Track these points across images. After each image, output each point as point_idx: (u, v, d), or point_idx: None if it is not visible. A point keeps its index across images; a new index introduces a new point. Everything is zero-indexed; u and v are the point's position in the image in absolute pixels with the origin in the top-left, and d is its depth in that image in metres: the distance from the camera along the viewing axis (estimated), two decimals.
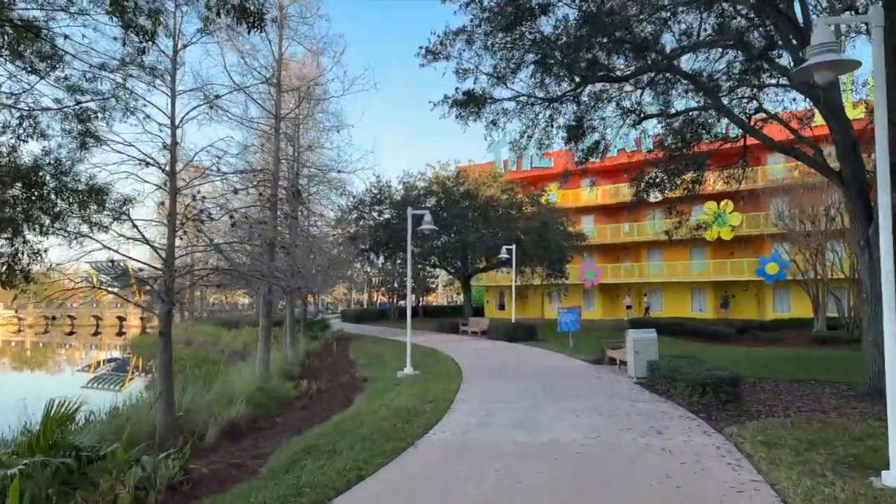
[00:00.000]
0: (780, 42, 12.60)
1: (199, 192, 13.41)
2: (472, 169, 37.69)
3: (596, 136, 15.89)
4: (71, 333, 78.53)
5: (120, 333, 75.99)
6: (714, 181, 40.65)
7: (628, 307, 45.27)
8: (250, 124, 17.55)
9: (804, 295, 35.45)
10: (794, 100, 15.70)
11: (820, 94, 11.51)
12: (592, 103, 14.40)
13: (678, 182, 17.63)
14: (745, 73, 14.02)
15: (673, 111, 14.75)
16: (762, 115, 14.74)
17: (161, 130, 11.96)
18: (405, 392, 13.72)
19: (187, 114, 12.21)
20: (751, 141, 16.15)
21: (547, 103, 13.97)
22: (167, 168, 11.94)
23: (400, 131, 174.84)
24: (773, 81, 14.68)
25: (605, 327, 35.70)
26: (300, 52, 19.81)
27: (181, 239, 12.81)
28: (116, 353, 53.39)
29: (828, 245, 30.04)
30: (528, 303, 49.99)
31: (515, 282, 32.77)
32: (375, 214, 36.23)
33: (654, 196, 18.87)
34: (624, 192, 45.62)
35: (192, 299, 58.20)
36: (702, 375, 10.71)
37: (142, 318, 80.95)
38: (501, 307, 51.75)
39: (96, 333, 78.53)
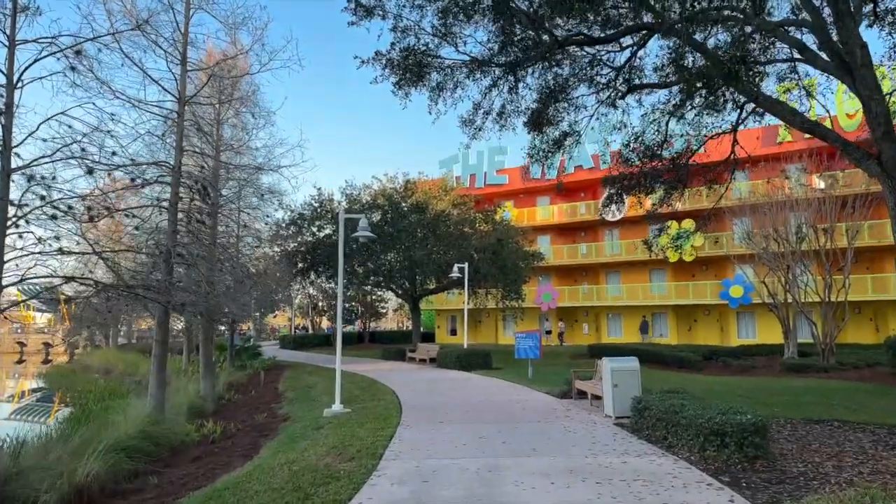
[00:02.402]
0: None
1: (53, 177, 10.13)
2: (423, 183, 34.91)
3: (565, 125, 13.18)
4: None
5: (46, 361, 69.97)
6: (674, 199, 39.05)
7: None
8: (146, 106, 14.29)
9: (770, 319, 33.65)
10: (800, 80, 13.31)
11: (858, 71, 9.08)
12: (562, 79, 11.66)
13: (657, 186, 15.08)
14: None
15: (671, 80, 12.09)
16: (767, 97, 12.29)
17: None
18: (323, 440, 10.56)
19: (29, 66, 8.95)
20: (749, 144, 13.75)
21: (506, 70, 11.14)
22: None
23: (347, 147, 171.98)
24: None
25: (563, 353, 33.11)
26: (214, 27, 16.65)
27: (20, 238, 9.48)
28: (37, 384, 48.56)
29: (798, 267, 28.21)
30: (482, 328, 47.15)
31: (468, 304, 29.89)
32: (315, 230, 32.91)
33: (620, 207, 16.33)
34: (581, 211, 43.61)
35: (116, 323, 53.32)
36: (716, 420, 7.91)
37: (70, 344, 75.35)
38: (453, 332, 48.75)
39: (20, 361, 72.39)
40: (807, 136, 32.42)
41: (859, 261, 31.14)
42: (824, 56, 10.03)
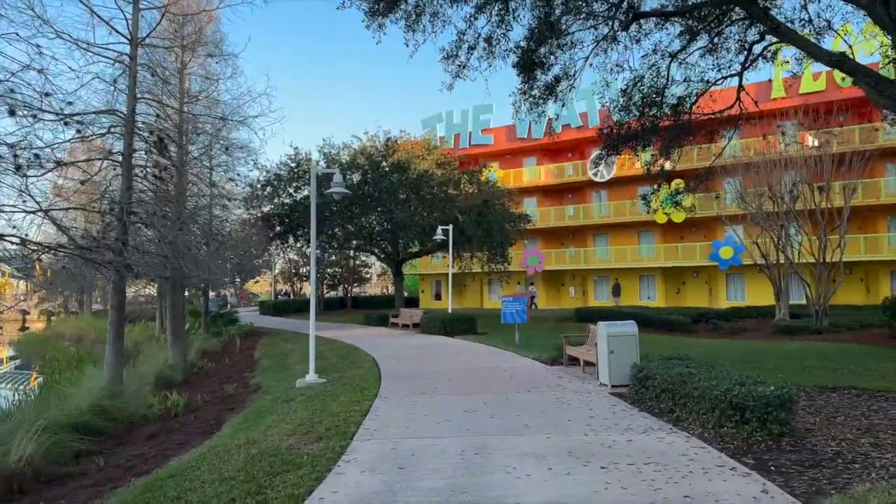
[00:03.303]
0: None
1: None
2: (405, 143, 33.43)
3: (557, 68, 11.91)
4: None
5: (23, 328, 68.34)
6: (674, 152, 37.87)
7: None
8: (95, 49, 12.79)
9: (760, 281, 33.00)
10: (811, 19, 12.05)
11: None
12: (558, 8, 10.29)
13: (655, 138, 13.92)
14: None
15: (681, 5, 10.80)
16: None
17: None
18: (291, 416, 9.50)
19: None
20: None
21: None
22: None
23: (324, 108, 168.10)
24: None
25: (549, 317, 32.31)
26: None
27: None
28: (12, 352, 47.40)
29: (792, 227, 27.38)
30: (467, 292, 46.24)
31: (453, 268, 28.82)
32: (292, 191, 31.43)
33: (610, 165, 15.15)
34: (568, 172, 42.44)
35: (89, 289, 51.86)
36: (734, 392, 6.90)
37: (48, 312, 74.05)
38: (438, 297, 47.83)
39: None
40: (801, 92, 31.22)
41: (851, 221, 30.42)
42: None
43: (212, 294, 44.64)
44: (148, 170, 13.80)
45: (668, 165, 14.25)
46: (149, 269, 15.11)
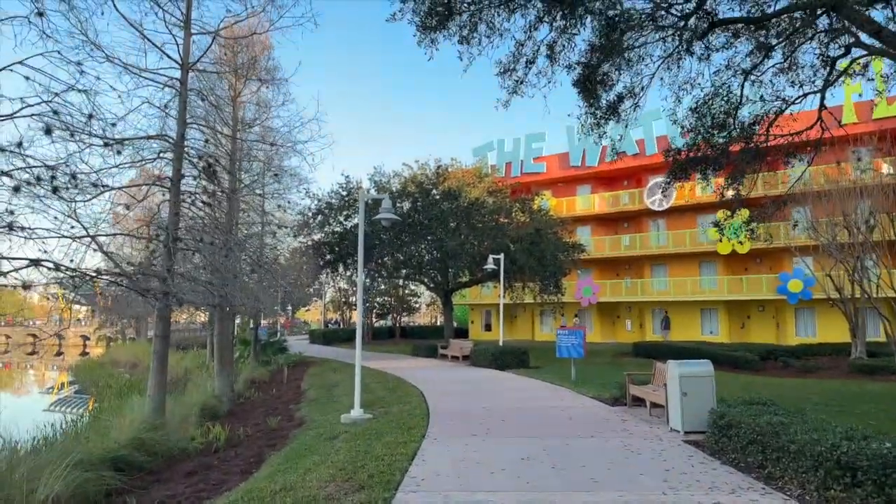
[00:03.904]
0: None
1: (20, 143, 8.56)
2: (456, 171, 32.94)
3: (620, 86, 11.12)
4: (32, 353, 73.02)
5: (84, 353, 70.31)
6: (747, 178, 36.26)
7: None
8: (146, 74, 12.69)
9: (832, 316, 30.95)
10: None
11: None
12: (625, 16, 9.49)
13: (725, 162, 12.92)
14: None
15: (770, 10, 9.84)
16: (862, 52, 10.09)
17: None
18: (333, 457, 8.79)
19: None
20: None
21: (550, 6, 9.04)
22: None
23: (375, 139, 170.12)
24: None
25: (604, 351, 30.97)
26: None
27: None
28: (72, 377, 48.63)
29: (868, 258, 25.55)
30: (517, 323, 45.10)
31: (504, 298, 27.92)
32: (342, 219, 31.23)
33: (669, 194, 14.15)
34: (624, 200, 41.19)
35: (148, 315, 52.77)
36: (843, 449, 5.83)
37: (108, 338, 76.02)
38: (488, 328, 46.82)
39: (59, 353, 73.04)
40: (875, 117, 29.42)
41: None
42: None
43: (263, 322, 44.88)
44: (197, 196, 13.52)
45: (742, 191, 13.17)
46: (195, 297, 14.78)
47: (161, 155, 13.44)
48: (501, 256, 25.90)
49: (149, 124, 14.76)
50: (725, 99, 12.28)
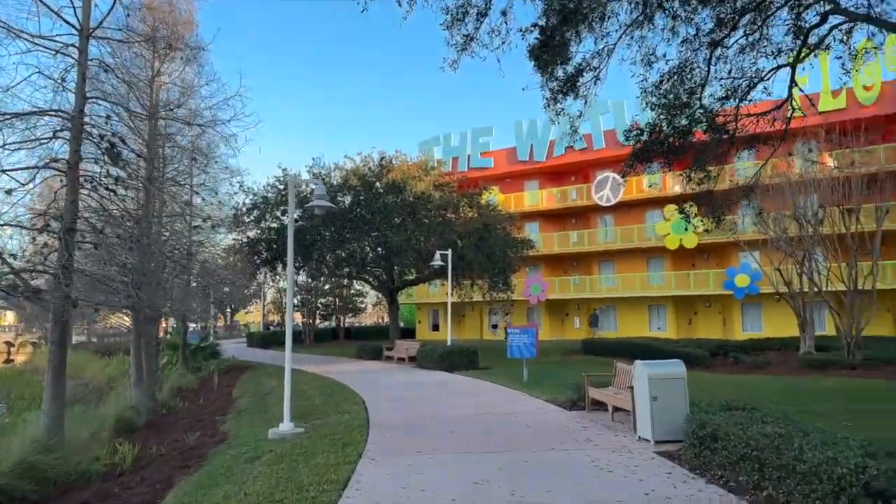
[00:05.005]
0: None
1: None
2: (401, 165, 31.46)
3: (580, 57, 9.98)
4: None
5: (8, 361, 65.63)
6: (672, 182, 36.21)
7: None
8: (34, 38, 10.85)
9: (778, 311, 30.89)
10: None
11: None
12: None
13: (685, 145, 11.95)
14: None
15: None
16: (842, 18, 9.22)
17: None
18: (249, 485, 7.32)
19: None
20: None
21: None
22: None
23: (315, 130, 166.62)
24: None
25: (554, 350, 30.07)
26: None
27: None
28: None
29: (818, 252, 25.39)
30: (466, 323, 43.98)
31: (451, 296, 26.66)
32: (279, 214, 29.38)
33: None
34: (572, 196, 40.57)
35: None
36: (874, 472, 4.76)
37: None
38: (435, 328, 45.54)
39: None
40: (821, 110, 29.39)
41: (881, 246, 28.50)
42: None
43: (195, 326, 42.40)
44: (100, 182, 11.73)
45: (711, 174, 12.24)
46: (103, 299, 13.01)
47: (58, 134, 11.62)
48: (449, 253, 24.63)
49: (44, 99, 12.83)
50: (689, 77, 11.32)
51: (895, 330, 30.14)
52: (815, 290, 24.37)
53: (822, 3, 9.52)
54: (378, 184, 28.20)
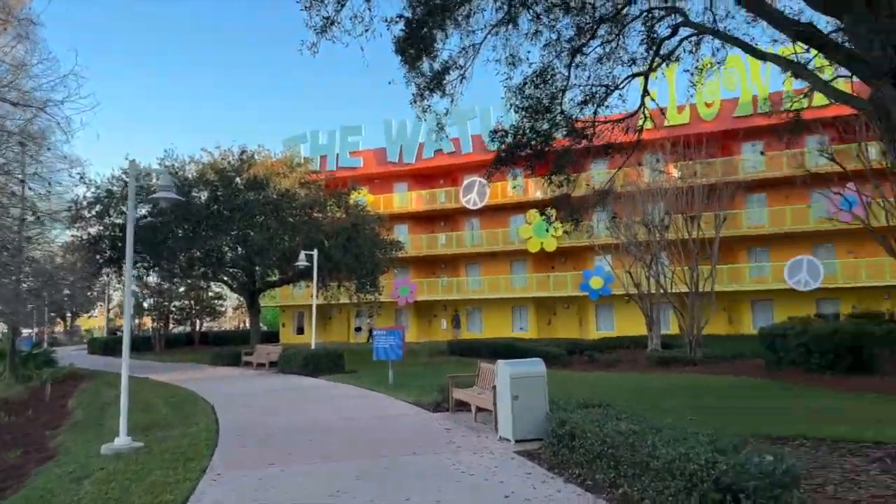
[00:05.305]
0: None
1: None
2: (265, 161, 30.03)
3: (446, 54, 9.86)
4: None
5: None
6: (534, 188, 37.59)
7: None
8: None
9: (628, 311, 32.92)
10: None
11: None
12: None
13: (546, 149, 12.21)
14: None
15: None
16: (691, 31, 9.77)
17: None
18: None
19: None
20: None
21: None
22: None
23: (171, 124, 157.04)
24: None
25: (421, 351, 30.11)
26: None
27: None
28: None
29: (664, 256, 27.30)
30: (333, 325, 43.05)
31: (317, 298, 25.79)
32: (125, 209, 27.02)
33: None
34: (441, 199, 40.96)
35: None
36: (723, 468, 4.88)
37: None
38: (300, 331, 44.15)
39: None
40: (667, 125, 31.54)
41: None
42: None
43: (29, 331, 38.24)
44: None
45: (569, 179, 12.57)
46: None
47: None
48: (315, 253, 23.80)
49: None
50: (551, 81, 11.57)
51: (730, 329, 33.07)
52: (662, 291, 26.17)
53: (673, 16, 10.03)
54: (238, 179, 26.73)
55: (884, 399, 12.82)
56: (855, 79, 9.29)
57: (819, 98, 13.18)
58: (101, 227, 27.00)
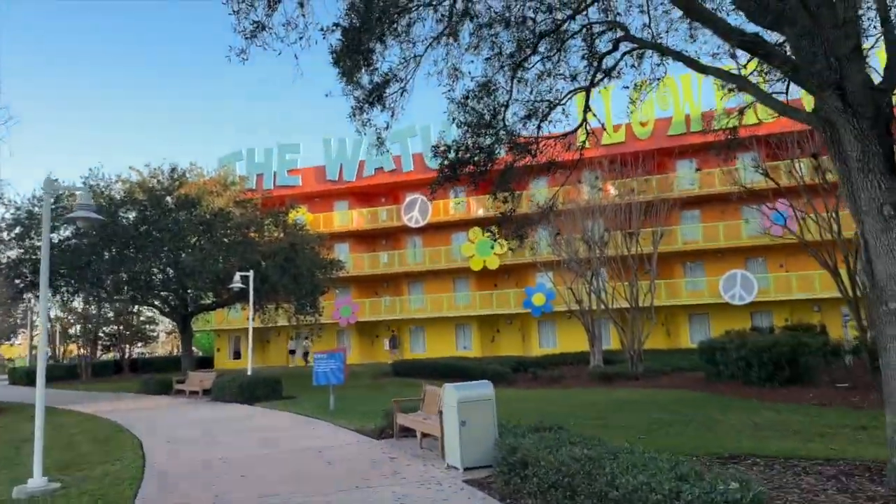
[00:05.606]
0: None
1: None
2: (197, 180, 28.92)
3: (386, 65, 9.52)
4: None
5: None
6: (476, 206, 37.66)
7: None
8: None
9: (570, 327, 33.14)
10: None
11: None
12: None
13: (490, 166, 12.01)
14: None
15: None
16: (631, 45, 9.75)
17: None
18: None
19: None
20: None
21: None
22: None
23: (98, 145, 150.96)
24: None
25: (364, 373, 29.39)
26: None
27: None
28: None
29: (604, 272, 27.58)
30: (271, 349, 41.73)
31: (253, 321, 24.81)
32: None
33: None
34: (382, 217, 40.47)
35: None
36: (688, 497, 4.62)
37: None
38: (237, 355, 42.58)
39: None
40: (604, 143, 32.05)
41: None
42: None
43: None
44: None
45: (511, 197, 12.37)
46: None
47: None
48: (251, 274, 22.90)
49: None
50: (493, 96, 11.39)
51: (669, 343, 33.64)
52: (603, 307, 26.39)
53: (615, 30, 10.00)
54: (169, 199, 25.60)
55: (821, 410, 13.08)
56: (791, 94, 9.42)
57: (751, 116, 13.41)
58: (22, 251, 25.34)
